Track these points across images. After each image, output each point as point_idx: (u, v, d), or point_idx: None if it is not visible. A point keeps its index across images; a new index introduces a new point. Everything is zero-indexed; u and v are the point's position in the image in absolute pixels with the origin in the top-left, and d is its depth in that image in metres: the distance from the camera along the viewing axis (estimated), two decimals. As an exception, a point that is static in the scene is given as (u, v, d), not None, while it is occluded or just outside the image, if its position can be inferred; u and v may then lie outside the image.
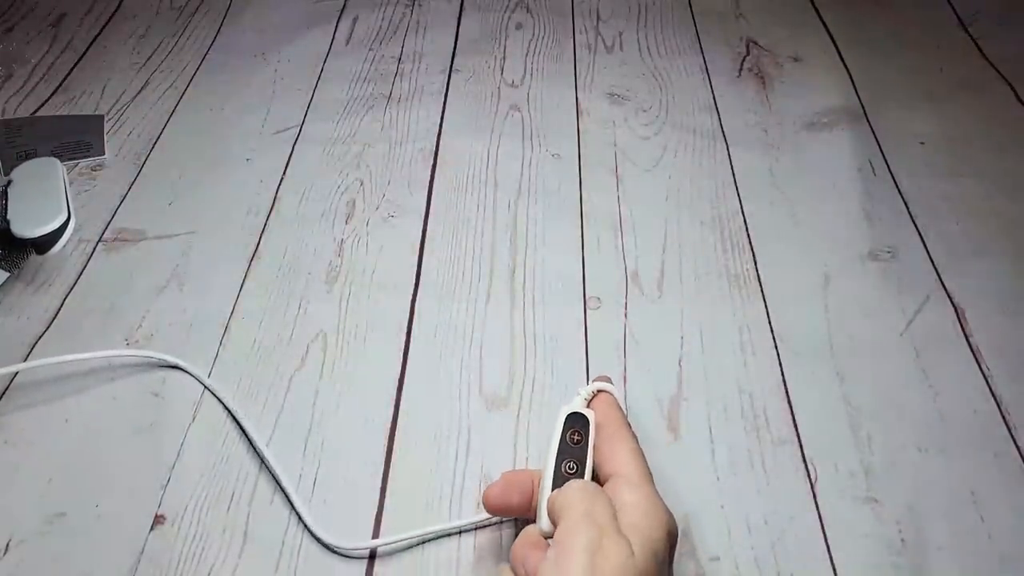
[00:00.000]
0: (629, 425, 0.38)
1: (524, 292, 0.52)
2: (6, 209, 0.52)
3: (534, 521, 0.36)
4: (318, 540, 0.40)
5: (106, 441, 0.44)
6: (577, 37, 0.75)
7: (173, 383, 0.47)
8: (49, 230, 0.52)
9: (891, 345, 0.49)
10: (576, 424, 0.38)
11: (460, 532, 0.41)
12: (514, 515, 0.39)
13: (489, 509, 0.38)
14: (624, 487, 0.34)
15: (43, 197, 0.54)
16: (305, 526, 0.40)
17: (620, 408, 0.39)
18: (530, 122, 0.66)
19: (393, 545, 0.40)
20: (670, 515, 0.34)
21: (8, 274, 0.52)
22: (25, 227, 0.52)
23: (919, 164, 0.61)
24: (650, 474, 0.36)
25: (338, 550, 0.40)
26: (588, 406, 0.39)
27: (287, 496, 0.42)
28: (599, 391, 0.40)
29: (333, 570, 0.39)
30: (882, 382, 0.47)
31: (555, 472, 0.36)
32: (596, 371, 0.48)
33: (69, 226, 0.54)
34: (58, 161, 0.58)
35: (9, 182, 0.55)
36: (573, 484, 0.35)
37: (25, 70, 0.72)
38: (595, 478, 0.37)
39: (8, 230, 0.51)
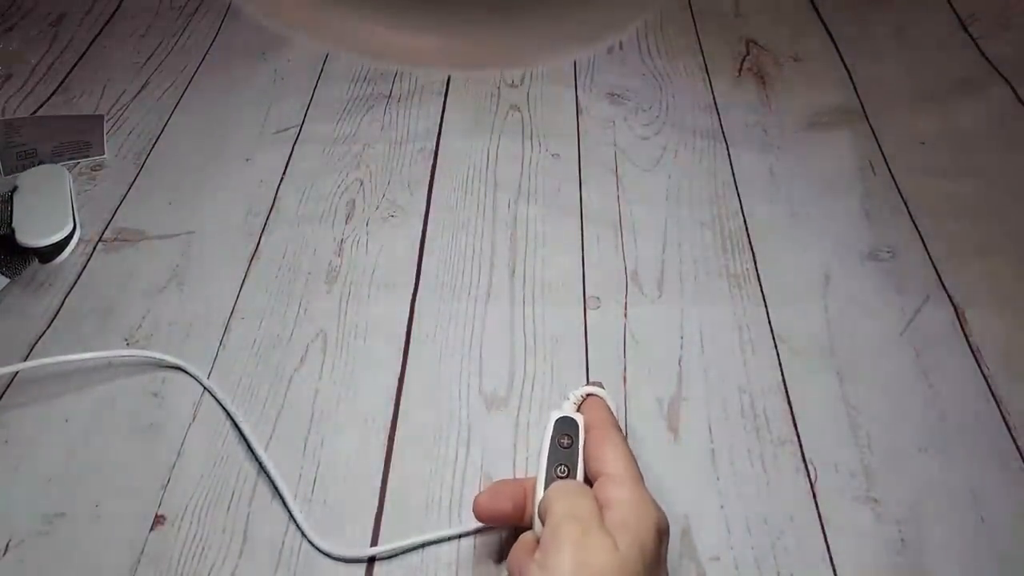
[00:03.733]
0: (618, 427, 0.38)
1: (524, 292, 0.52)
2: (11, 216, 0.52)
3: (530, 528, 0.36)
4: (318, 549, 0.40)
5: (106, 441, 0.44)
6: (577, 37, 0.75)
7: (173, 383, 0.47)
8: (54, 241, 0.52)
9: (891, 345, 0.49)
10: (565, 428, 0.38)
11: (460, 533, 0.41)
12: (504, 524, 0.39)
13: (479, 517, 0.37)
14: (612, 486, 0.34)
15: (49, 206, 0.54)
16: (304, 536, 0.40)
17: (609, 411, 0.39)
18: (530, 122, 0.66)
19: (392, 549, 0.40)
20: (660, 512, 0.34)
21: (8, 280, 0.51)
22: (30, 236, 0.51)
23: (919, 164, 0.61)
24: (639, 474, 0.35)
25: (337, 556, 0.40)
26: (578, 410, 0.40)
27: (287, 506, 0.41)
28: (588, 395, 0.40)
29: (333, 571, 0.39)
30: (882, 382, 0.47)
31: (547, 476, 0.36)
32: (596, 371, 0.48)
33: (74, 237, 0.54)
34: (65, 170, 0.58)
35: (15, 188, 0.55)
36: (556, 485, 0.35)
37: (25, 70, 0.72)
38: (586, 480, 0.37)
39: (12, 237, 0.51)
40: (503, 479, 0.39)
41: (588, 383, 0.41)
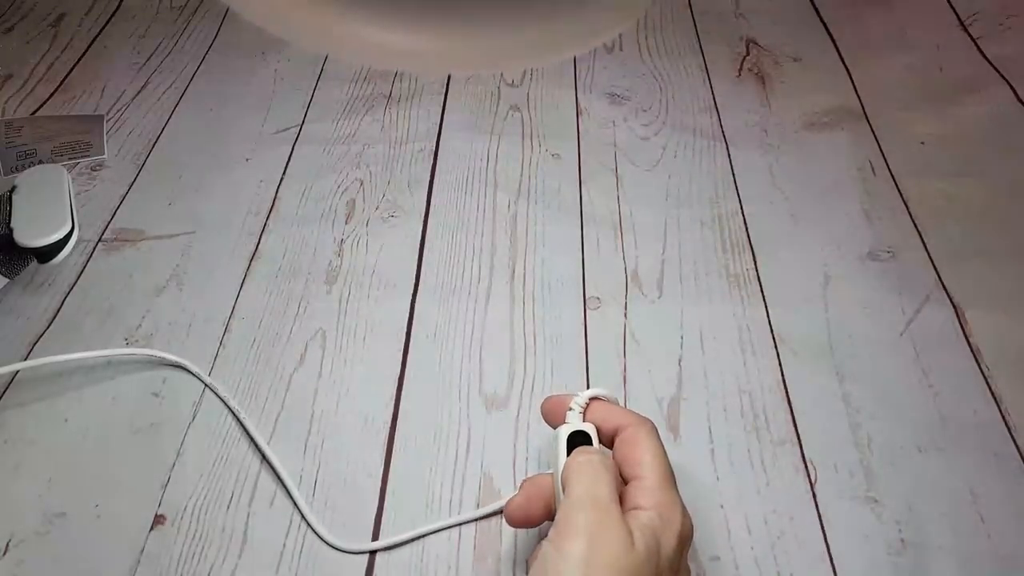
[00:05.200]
0: (650, 422, 0.36)
1: (524, 292, 0.52)
2: (10, 216, 0.52)
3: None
4: (322, 539, 0.40)
5: (106, 441, 0.44)
6: (577, 37, 0.75)
7: (173, 383, 0.47)
8: (52, 241, 0.52)
9: (891, 345, 0.49)
10: (579, 441, 0.36)
11: (460, 525, 0.41)
12: (537, 525, 0.37)
13: (512, 523, 0.36)
14: (643, 493, 0.33)
15: (48, 206, 0.54)
16: (309, 525, 0.40)
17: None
18: (530, 122, 0.66)
19: (393, 545, 0.40)
20: (685, 517, 0.33)
21: (7, 280, 0.51)
22: (28, 236, 0.51)
23: (919, 164, 0.61)
24: (671, 474, 0.35)
25: (340, 548, 0.40)
26: (584, 417, 0.37)
27: (291, 495, 0.42)
28: (592, 398, 0.38)
29: (333, 569, 0.39)
30: (882, 382, 0.47)
31: None
32: (596, 371, 0.48)
33: (72, 237, 0.53)
34: (65, 170, 0.58)
35: (14, 187, 0.55)
36: (580, 458, 0.34)
37: (25, 70, 0.72)
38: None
39: (10, 237, 0.51)
40: (529, 478, 0.37)
41: (588, 388, 0.40)
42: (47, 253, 0.52)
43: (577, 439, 0.36)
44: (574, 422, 0.37)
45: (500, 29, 0.25)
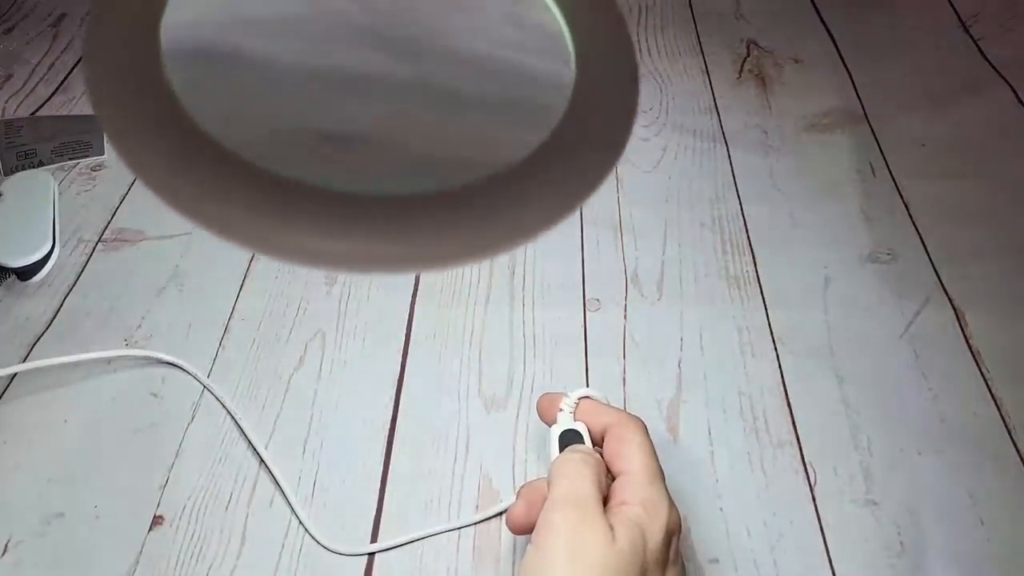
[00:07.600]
0: (636, 419, 0.37)
1: (524, 293, 0.52)
2: None
3: None
4: (319, 544, 0.40)
5: (105, 441, 0.44)
6: (577, 38, 0.75)
7: (172, 383, 0.47)
8: (31, 261, 0.51)
9: (890, 347, 0.48)
10: (570, 440, 0.37)
11: (460, 529, 0.41)
12: None
13: (515, 530, 0.36)
14: (629, 487, 0.34)
15: (30, 221, 0.53)
16: (306, 530, 0.40)
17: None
18: (530, 123, 0.65)
19: (391, 547, 0.40)
20: (672, 511, 0.33)
21: None
22: (7, 255, 0.51)
23: (919, 166, 0.61)
24: (658, 469, 0.35)
25: (337, 552, 0.40)
26: (575, 416, 0.38)
27: (287, 500, 0.42)
28: (582, 398, 0.38)
29: (331, 571, 0.39)
30: (881, 384, 0.47)
31: None
32: (596, 373, 0.48)
33: (53, 255, 0.53)
34: (52, 178, 0.57)
35: None
36: (563, 457, 0.34)
37: (25, 70, 0.72)
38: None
39: None
40: (529, 483, 0.37)
41: (586, 387, 0.40)
42: (26, 272, 0.52)
43: (569, 438, 0.37)
44: (565, 422, 0.38)
45: (463, 222, 0.23)
